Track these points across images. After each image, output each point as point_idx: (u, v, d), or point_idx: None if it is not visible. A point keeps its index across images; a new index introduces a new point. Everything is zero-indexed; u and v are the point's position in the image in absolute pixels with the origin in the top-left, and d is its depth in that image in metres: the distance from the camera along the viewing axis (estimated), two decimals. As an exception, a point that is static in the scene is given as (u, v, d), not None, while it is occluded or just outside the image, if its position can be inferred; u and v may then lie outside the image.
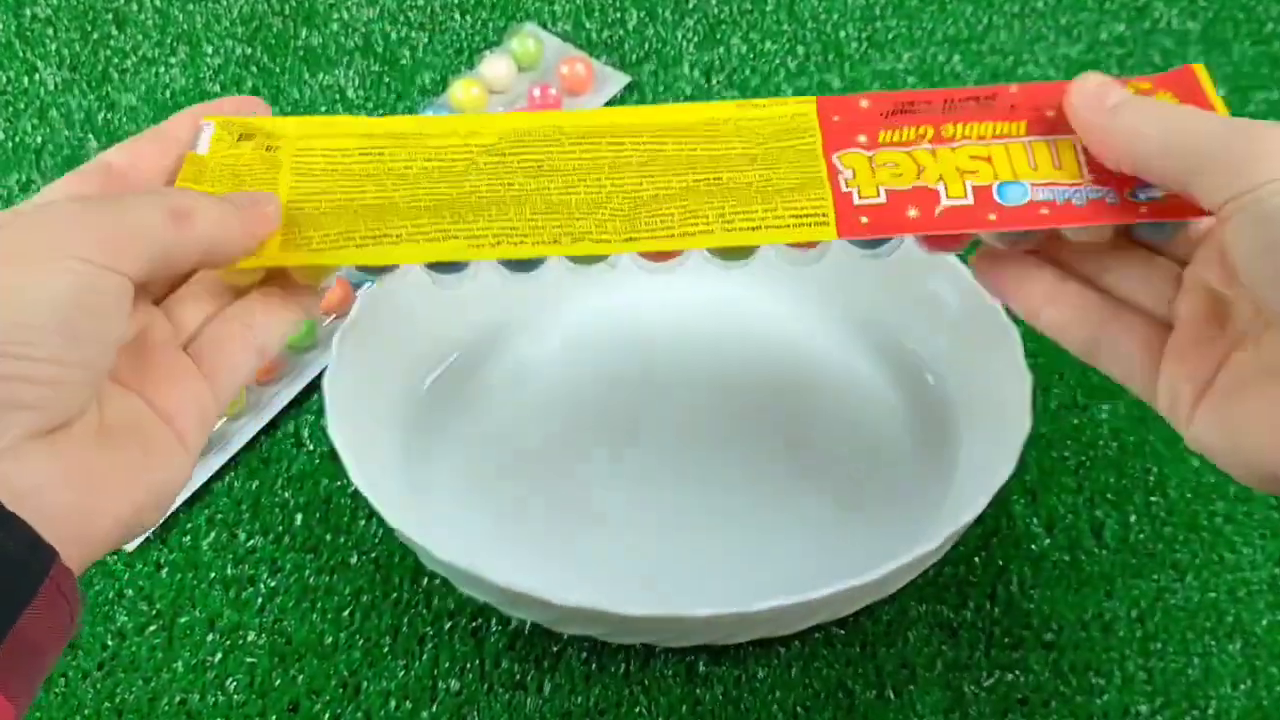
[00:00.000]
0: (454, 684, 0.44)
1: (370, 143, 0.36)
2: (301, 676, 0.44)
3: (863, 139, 0.35)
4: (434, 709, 0.43)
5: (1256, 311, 0.31)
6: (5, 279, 0.27)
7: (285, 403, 0.51)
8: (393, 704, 0.43)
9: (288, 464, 0.50)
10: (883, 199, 0.34)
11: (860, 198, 0.34)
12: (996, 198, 0.33)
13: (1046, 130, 0.34)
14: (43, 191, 0.32)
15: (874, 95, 0.35)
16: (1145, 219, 0.33)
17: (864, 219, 0.33)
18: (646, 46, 0.66)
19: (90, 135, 0.62)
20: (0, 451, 0.27)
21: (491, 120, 0.36)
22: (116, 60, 0.65)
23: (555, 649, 0.45)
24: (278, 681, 0.44)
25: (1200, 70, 0.34)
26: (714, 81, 0.64)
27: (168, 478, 0.31)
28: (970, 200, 0.33)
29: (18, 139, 0.62)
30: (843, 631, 0.45)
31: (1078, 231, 0.34)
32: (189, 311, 0.34)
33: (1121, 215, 0.33)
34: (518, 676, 0.44)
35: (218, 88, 0.64)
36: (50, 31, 0.67)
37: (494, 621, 0.45)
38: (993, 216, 0.33)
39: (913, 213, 0.33)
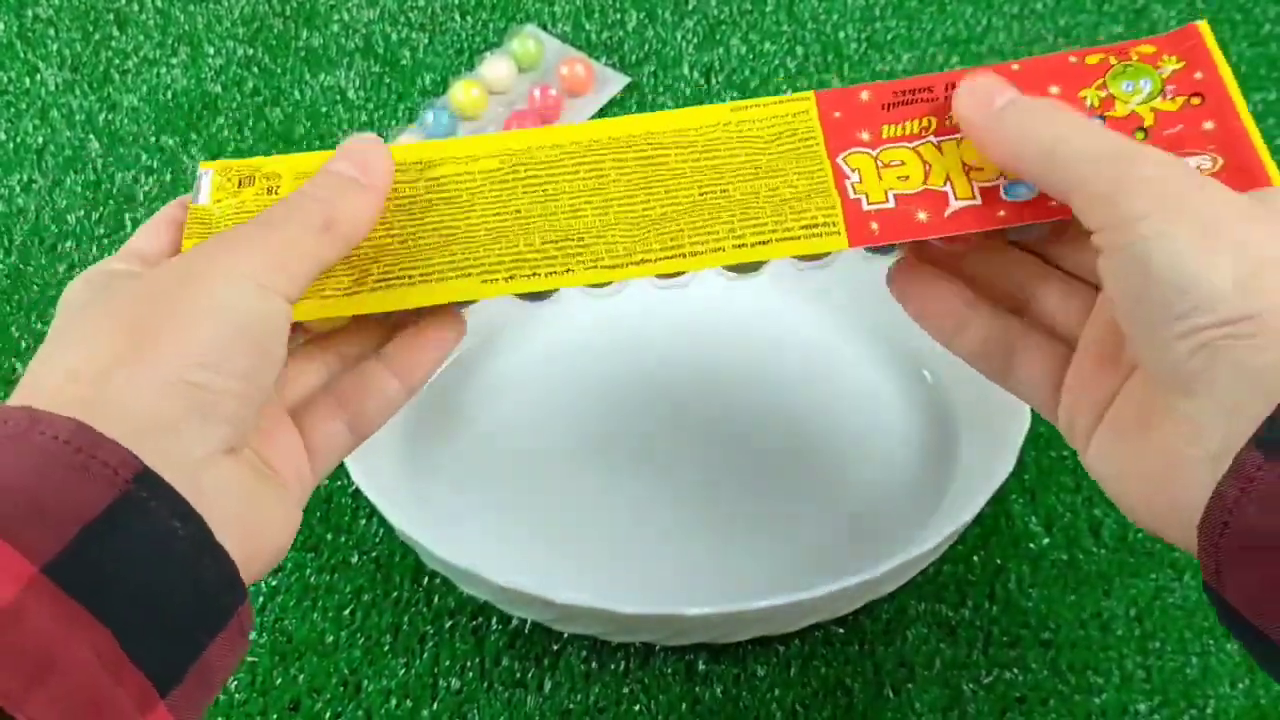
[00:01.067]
0: (454, 682, 0.44)
1: None
2: (302, 675, 0.44)
3: (865, 135, 0.34)
4: (434, 707, 0.43)
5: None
6: (193, 299, 0.28)
7: (286, 402, 0.51)
8: (393, 702, 0.43)
9: (289, 463, 0.50)
10: (891, 204, 0.33)
11: (869, 204, 0.33)
12: (1004, 196, 0.33)
13: None
14: (135, 237, 0.33)
15: (874, 86, 0.35)
16: None
17: (874, 225, 0.33)
18: (646, 47, 0.66)
19: (91, 136, 0.62)
20: (201, 461, 0.27)
21: (487, 142, 0.36)
22: (118, 61, 0.66)
23: (555, 647, 0.45)
24: (279, 680, 0.44)
25: (1204, 28, 0.34)
26: (714, 82, 0.64)
27: (294, 520, 0.31)
28: (978, 200, 0.33)
29: (19, 139, 0.62)
30: (842, 630, 0.45)
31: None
32: (296, 375, 0.34)
33: None
34: (518, 675, 0.44)
35: (219, 88, 0.64)
36: (52, 32, 0.67)
37: (494, 620, 0.45)
38: (1002, 213, 0.33)
39: (922, 216, 0.33)
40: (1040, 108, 0.31)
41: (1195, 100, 0.33)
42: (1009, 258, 0.35)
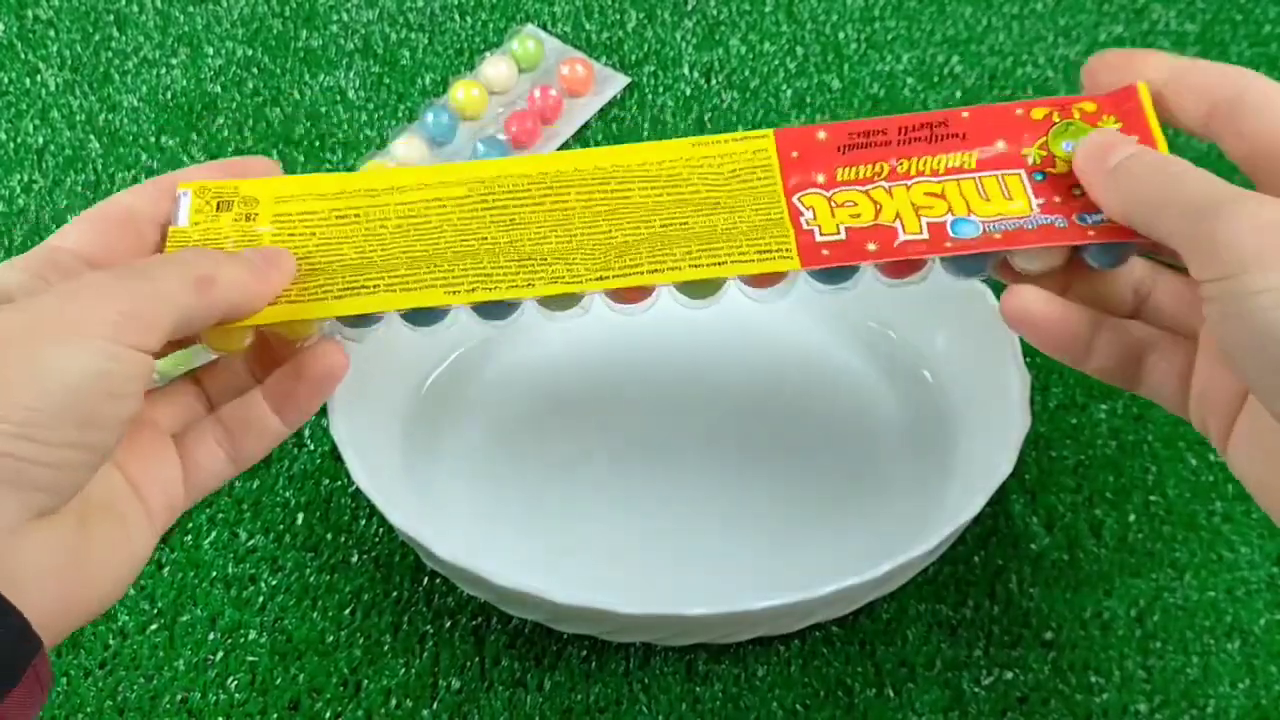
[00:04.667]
0: (454, 682, 0.44)
1: (345, 204, 0.37)
2: (302, 675, 0.44)
3: (821, 178, 0.36)
4: (435, 707, 0.43)
5: None
6: (26, 358, 0.27)
7: (286, 402, 0.51)
8: (393, 702, 0.43)
9: (289, 463, 0.50)
10: (842, 235, 0.35)
11: (822, 235, 0.35)
12: (950, 232, 0.35)
13: (995, 164, 0.36)
14: (59, 234, 0.33)
15: (831, 126, 0.37)
16: (1092, 240, 0.34)
17: (825, 252, 0.35)
18: (646, 48, 0.66)
19: (92, 136, 0.62)
20: (9, 528, 0.27)
21: (459, 170, 0.37)
22: (118, 61, 0.66)
23: (555, 647, 0.45)
24: (278, 680, 0.44)
25: (1143, 90, 0.35)
26: (713, 82, 0.64)
27: (140, 554, 0.31)
28: (925, 235, 0.35)
29: (19, 140, 0.62)
30: (842, 630, 0.45)
31: (1030, 259, 0.35)
32: (180, 400, 0.35)
33: (1069, 237, 0.34)
34: (518, 674, 0.44)
35: (219, 89, 0.64)
36: (52, 33, 0.67)
37: (494, 620, 0.45)
38: (949, 244, 0.35)
39: (872, 246, 0.35)
40: (1152, 163, 0.32)
41: None
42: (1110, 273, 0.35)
